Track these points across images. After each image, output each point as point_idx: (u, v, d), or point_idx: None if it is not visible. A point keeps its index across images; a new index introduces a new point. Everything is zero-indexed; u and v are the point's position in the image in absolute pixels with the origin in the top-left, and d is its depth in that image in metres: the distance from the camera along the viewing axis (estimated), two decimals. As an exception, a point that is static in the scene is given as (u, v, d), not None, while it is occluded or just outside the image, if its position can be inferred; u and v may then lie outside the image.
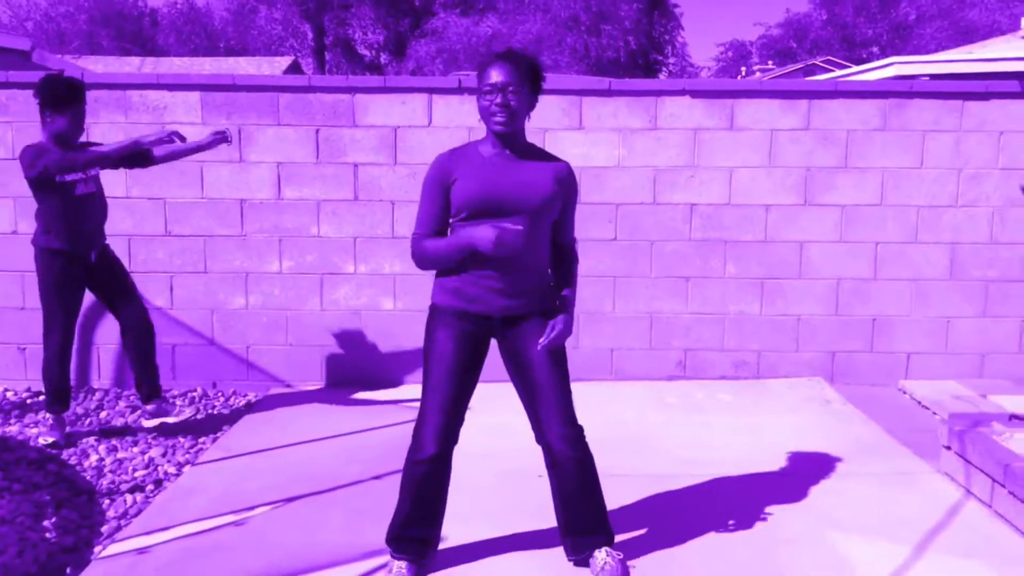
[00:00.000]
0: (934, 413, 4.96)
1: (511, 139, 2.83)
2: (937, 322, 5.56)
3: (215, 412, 5.12)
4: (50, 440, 4.45)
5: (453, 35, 30.17)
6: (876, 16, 37.19)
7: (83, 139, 5.34)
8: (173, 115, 5.36)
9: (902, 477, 3.91)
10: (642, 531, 3.31)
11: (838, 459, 4.13)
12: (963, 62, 10.18)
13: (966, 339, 5.57)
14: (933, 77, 9.70)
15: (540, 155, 2.90)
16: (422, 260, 2.86)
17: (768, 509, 3.53)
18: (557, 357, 2.87)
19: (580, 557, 2.96)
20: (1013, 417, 4.05)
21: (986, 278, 5.52)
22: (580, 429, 2.89)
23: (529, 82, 2.79)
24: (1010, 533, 3.30)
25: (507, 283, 2.79)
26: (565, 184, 2.88)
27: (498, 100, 2.72)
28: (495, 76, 2.73)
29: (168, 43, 30.27)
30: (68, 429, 4.68)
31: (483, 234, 2.65)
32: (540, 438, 2.89)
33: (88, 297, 5.41)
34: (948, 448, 3.88)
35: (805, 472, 3.96)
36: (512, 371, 2.93)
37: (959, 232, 5.49)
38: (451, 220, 2.85)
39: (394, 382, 5.55)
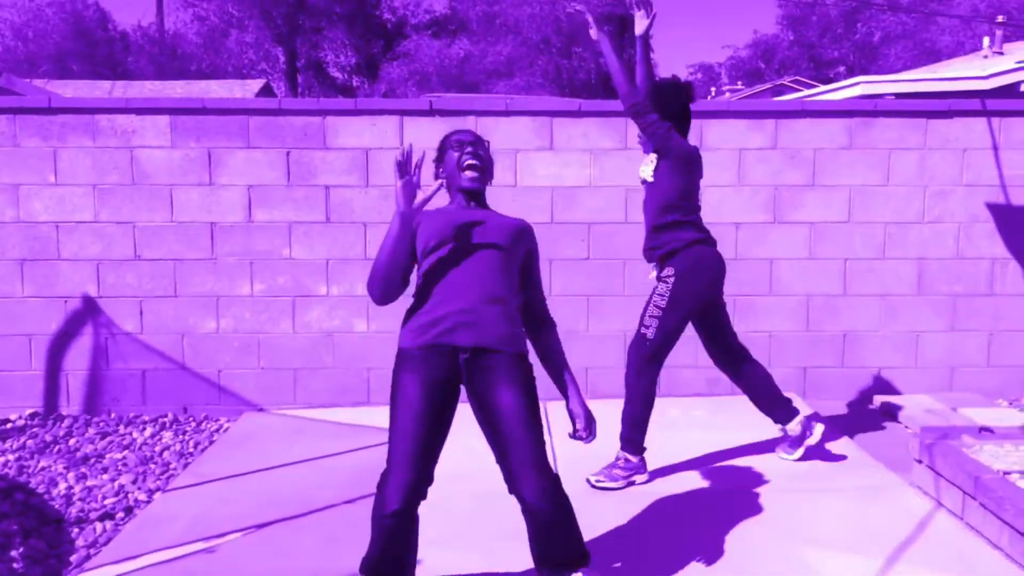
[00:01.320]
0: (906, 427, 5.01)
1: (478, 198, 2.90)
2: (907, 337, 5.62)
3: (186, 437, 5.06)
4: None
5: (425, 57, 30.30)
6: (840, 37, 37.79)
7: (52, 166, 5.31)
8: (142, 139, 5.33)
9: (875, 491, 3.93)
10: (617, 549, 3.30)
11: (811, 475, 4.15)
12: (927, 81, 10.36)
13: (935, 353, 5.64)
14: (898, 96, 9.87)
15: (502, 215, 2.96)
16: (371, 274, 2.78)
17: (741, 524, 3.53)
18: (529, 402, 2.72)
19: (556, 582, 2.91)
20: (983, 430, 4.10)
21: (953, 293, 5.60)
22: (556, 480, 2.70)
23: (487, 148, 2.93)
24: (981, 545, 3.33)
25: (472, 311, 2.71)
26: (526, 235, 2.91)
27: (469, 150, 2.82)
28: (463, 136, 2.88)
29: (139, 67, 30.10)
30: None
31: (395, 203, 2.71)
32: (512, 489, 2.71)
33: (53, 322, 5.36)
34: (920, 461, 3.91)
35: (779, 487, 3.98)
36: (480, 418, 2.77)
37: (926, 248, 5.57)
38: (419, 264, 2.82)
39: (367, 404, 5.52)
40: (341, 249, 5.45)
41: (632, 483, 4.07)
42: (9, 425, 5.25)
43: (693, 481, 4.07)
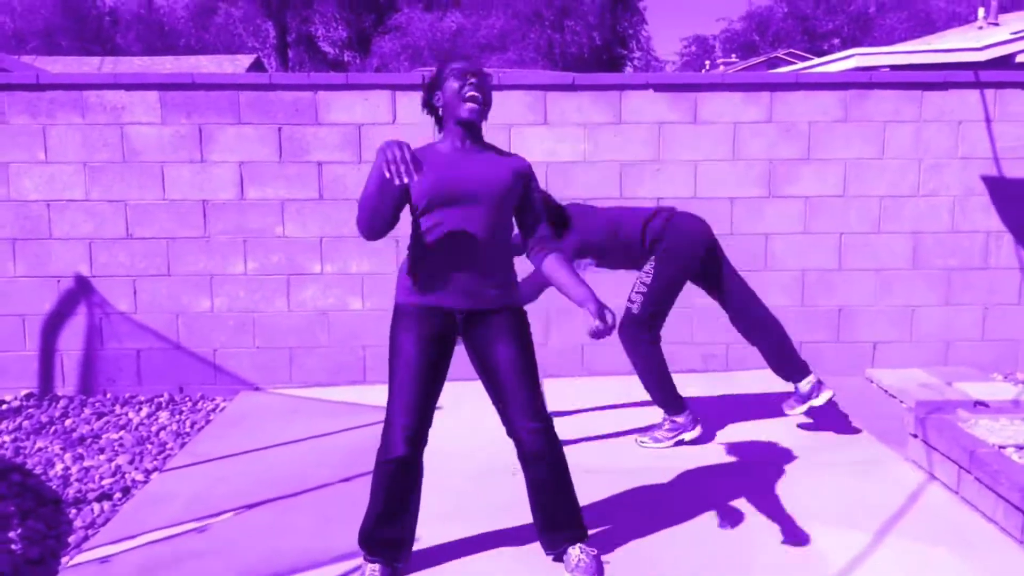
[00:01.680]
0: (901, 402, 5.02)
1: (475, 132, 2.82)
2: (902, 311, 5.63)
3: (183, 417, 5.06)
4: None
5: (417, 31, 30.09)
6: (835, 7, 37.56)
7: (42, 143, 5.26)
8: (132, 115, 5.28)
9: (870, 466, 3.95)
10: (616, 526, 3.31)
11: (807, 449, 4.17)
12: (922, 53, 10.29)
13: (930, 327, 5.65)
14: (893, 68, 9.81)
15: (498, 151, 2.90)
16: (360, 207, 2.72)
17: (738, 500, 3.55)
18: (524, 353, 2.86)
19: (556, 552, 2.97)
20: (978, 404, 4.11)
21: (948, 267, 5.60)
22: (549, 422, 2.89)
23: (489, 79, 2.80)
24: (976, 519, 3.35)
25: (469, 277, 2.77)
26: (523, 175, 2.87)
27: (472, 81, 2.72)
28: (463, 66, 2.76)
29: (128, 42, 29.82)
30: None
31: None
32: (511, 432, 2.88)
33: (46, 302, 5.34)
34: (915, 436, 3.93)
35: (774, 463, 3.99)
36: (478, 368, 2.91)
37: (921, 221, 5.56)
38: (413, 216, 2.81)
39: (363, 382, 5.52)
40: (334, 226, 5.41)
41: (681, 442, 4.19)
42: (4, 406, 5.24)
43: (689, 458, 4.08)
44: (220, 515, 3.53)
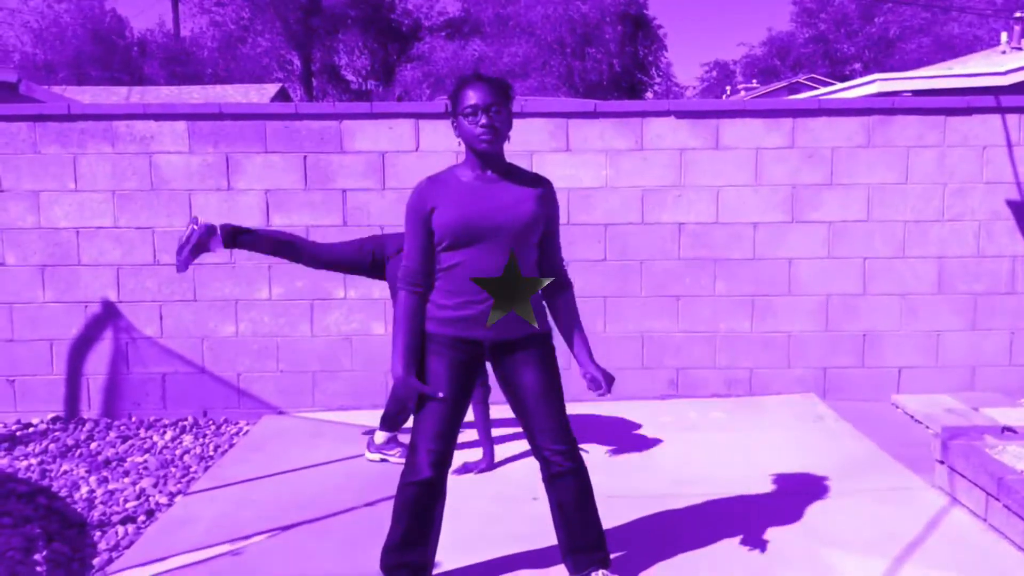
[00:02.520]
0: (927, 427, 4.97)
1: (494, 160, 2.81)
2: (927, 336, 5.58)
3: (206, 440, 5.09)
4: None
5: (440, 59, 30.44)
6: (855, 32, 37.54)
7: (72, 172, 5.35)
8: (160, 145, 5.37)
9: (896, 493, 3.90)
10: (639, 552, 3.30)
11: (832, 476, 4.13)
12: (944, 78, 10.27)
13: (956, 352, 5.60)
14: (915, 93, 9.79)
15: (521, 175, 2.87)
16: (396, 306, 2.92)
17: (763, 528, 3.52)
18: (550, 378, 2.89)
19: (581, 575, 2.96)
20: (1006, 429, 4.06)
21: (974, 291, 5.56)
22: (574, 443, 2.92)
23: (507, 101, 2.79)
24: (1005, 546, 3.30)
25: (494, 308, 2.79)
26: (547, 203, 2.86)
27: (483, 121, 2.70)
28: (475, 97, 2.70)
29: (155, 71, 30.28)
30: (60, 461, 4.65)
31: (395, 374, 2.82)
32: (537, 453, 2.92)
33: (74, 326, 5.41)
34: (942, 462, 3.88)
35: (799, 490, 3.96)
36: (505, 393, 2.94)
37: (946, 246, 5.53)
38: (438, 249, 2.81)
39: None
40: (358, 252, 5.45)
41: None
42: (31, 429, 5.30)
43: (714, 484, 4.05)
44: (245, 539, 3.54)
